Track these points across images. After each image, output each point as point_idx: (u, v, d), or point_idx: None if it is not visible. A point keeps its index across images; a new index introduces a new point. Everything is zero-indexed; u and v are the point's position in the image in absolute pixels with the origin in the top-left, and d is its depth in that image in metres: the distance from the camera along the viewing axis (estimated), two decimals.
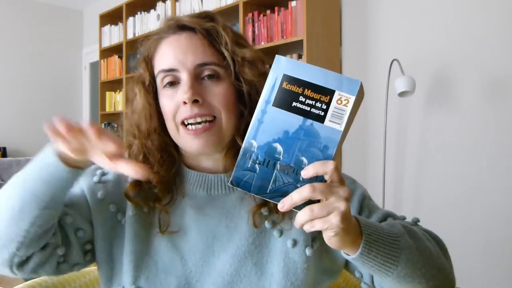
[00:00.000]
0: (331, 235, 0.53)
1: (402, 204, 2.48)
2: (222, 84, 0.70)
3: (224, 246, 0.71)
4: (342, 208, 0.51)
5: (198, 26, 0.71)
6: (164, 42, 0.72)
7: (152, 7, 3.90)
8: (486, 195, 2.14)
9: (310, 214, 0.51)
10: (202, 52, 0.69)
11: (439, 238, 0.71)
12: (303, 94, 0.54)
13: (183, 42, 0.70)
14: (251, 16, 2.87)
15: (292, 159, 0.54)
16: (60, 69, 5.28)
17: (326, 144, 0.54)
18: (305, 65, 0.55)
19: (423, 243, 0.64)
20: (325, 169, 0.52)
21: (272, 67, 0.56)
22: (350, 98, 0.53)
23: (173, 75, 0.69)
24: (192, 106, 0.67)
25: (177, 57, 0.69)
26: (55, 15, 5.24)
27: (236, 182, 0.55)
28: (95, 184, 0.74)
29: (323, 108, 0.54)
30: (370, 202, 0.78)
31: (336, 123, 0.54)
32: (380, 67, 2.53)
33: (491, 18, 2.12)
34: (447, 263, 0.68)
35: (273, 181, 0.54)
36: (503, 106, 2.10)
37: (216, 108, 0.69)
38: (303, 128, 0.54)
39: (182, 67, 0.68)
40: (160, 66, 0.71)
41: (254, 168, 0.55)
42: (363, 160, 2.63)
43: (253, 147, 0.55)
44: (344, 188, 0.53)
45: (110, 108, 4.51)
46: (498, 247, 2.10)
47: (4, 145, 4.73)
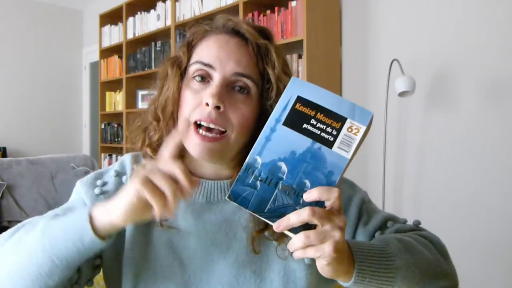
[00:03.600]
0: (324, 264, 0.53)
1: (402, 204, 2.48)
2: (248, 102, 0.67)
3: (224, 253, 0.70)
4: (336, 238, 0.51)
5: (253, 39, 0.68)
6: (213, 37, 0.70)
7: (152, 7, 3.89)
8: (486, 195, 2.14)
9: (305, 240, 0.51)
10: (246, 63, 0.67)
11: (439, 241, 0.71)
12: (315, 117, 0.54)
13: (231, 46, 0.68)
14: (251, 16, 2.87)
15: (295, 180, 0.53)
16: (60, 69, 5.29)
17: (332, 170, 0.53)
18: (321, 89, 0.55)
19: (421, 255, 0.64)
20: (329, 195, 0.52)
21: (287, 87, 0.55)
22: (361, 127, 0.54)
23: (207, 71, 0.67)
24: (211, 111, 0.64)
25: (219, 56, 0.67)
26: (55, 15, 5.25)
27: (234, 196, 0.54)
28: (97, 196, 0.73)
29: (333, 134, 0.54)
30: (369, 205, 0.77)
31: (344, 150, 0.54)
32: (380, 67, 2.53)
33: (491, 18, 2.12)
34: (448, 267, 0.68)
35: (272, 201, 0.54)
36: (503, 106, 2.10)
37: (231, 123, 0.66)
38: (311, 151, 0.54)
39: (220, 67, 0.66)
40: (200, 57, 0.68)
41: (255, 185, 0.54)
42: (363, 160, 2.63)
43: (257, 163, 0.54)
44: (341, 217, 0.53)
45: (110, 108, 4.51)
46: (498, 247, 2.10)
47: (4, 145, 4.73)
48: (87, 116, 5.44)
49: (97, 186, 0.74)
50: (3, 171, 2.72)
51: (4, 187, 2.68)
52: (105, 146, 4.56)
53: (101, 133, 4.59)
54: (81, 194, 0.74)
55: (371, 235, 0.74)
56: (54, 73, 5.23)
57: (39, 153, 4.09)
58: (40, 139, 5.05)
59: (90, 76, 5.43)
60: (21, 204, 2.72)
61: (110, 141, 4.49)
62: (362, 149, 2.84)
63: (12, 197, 2.71)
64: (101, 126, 4.59)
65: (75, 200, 0.75)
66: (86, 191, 0.73)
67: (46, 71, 5.15)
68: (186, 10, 3.44)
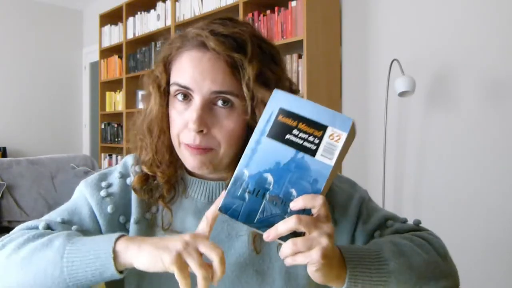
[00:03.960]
0: (313, 270, 0.54)
1: (402, 204, 2.48)
2: (233, 115, 0.66)
3: (226, 253, 0.69)
4: (323, 244, 0.52)
5: (223, 53, 0.64)
6: (186, 55, 0.67)
7: (152, 7, 3.90)
8: (486, 195, 2.14)
9: (293, 247, 0.52)
10: (222, 79, 0.64)
11: (438, 241, 0.71)
12: (297, 127, 0.55)
13: (204, 63, 0.65)
14: (251, 16, 2.87)
15: (281, 190, 0.55)
16: (60, 69, 5.29)
17: (316, 178, 0.55)
18: (302, 100, 0.56)
19: (416, 257, 0.64)
20: (314, 203, 0.53)
21: (270, 99, 0.57)
22: (342, 134, 0.54)
23: (186, 92, 0.67)
24: (195, 135, 0.65)
25: (194, 78, 0.65)
26: (55, 15, 5.25)
27: (224, 209, 0.56)
28: (103, 199, 0.73)
29: (316, 143, 0.55)
30: (369, 204, 0.77)
31: (327, 158, 0.55)
32: (380, 67, 2.53)
33: (491, 18, 2.12)
34: (448, 267, 0.68)
35: (261, 211, 0.55)
36: (503, 106, 2.10)
37: (218, 140, 0.66)
38: (295, 161, 0.55)
39: (197, 89, 0.65)
40: (176, 79, 0.68)
41: (244, 197, 0.56)
42: (363, 160, 2.63)
43: (244, 175, 0.56)
44: (328, 224, 0.54)
45: (110, 108, 4.51)
46: (498, 247, 2.10)
47: (4, 145, 4.73)
48: (87, 116, 5.44)
49: (102, 188, 0.74)
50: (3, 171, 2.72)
51: (4, 187, 2.68)
52: (105, 146, 4.56)
53: (101, 133, 4.59)
54: (85, 195, 0.74)
55: (370, 234, 0.74)
56: (54, 73, 5.23)
57: (39, 153, 4.09)
58: (40, 139, 5.05)
59: (90, 76, 5.43)
60: (21, 204, 2.72)
61: (110, 141, 4.49)
62: (362, 149, 2.83)
63: (12, 197, 2.71)
64: (101, 126, 4.59)
65: (79, 202, 0.74)
66: (92, 193, 0.73)
67: (46, 71, 5.15)
68: (186, 10, 3.44)
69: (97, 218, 0.72)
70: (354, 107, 2.69)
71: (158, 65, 0.72)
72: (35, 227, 0.70)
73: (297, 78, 2.66)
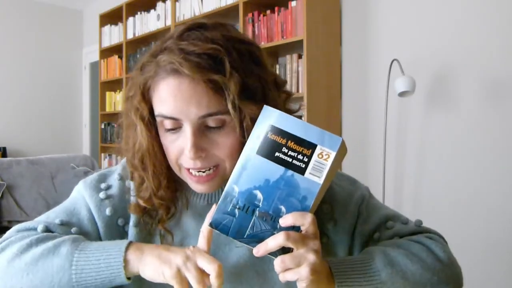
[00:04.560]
0: (303, 286, 0.55)
1: (402, 204, 2.48)
2: (227, 132, 0.64)
3: (226, 255, 0.70)
4: (311, 260, 0.54)
5: (201, 77, 0.60)
6: (163, 84, 0.63)
7: (152, 7, 3.89)
8: (486, 195, 2.14)
9: (282, 265, 0.54)
10: (207, 103, 0.61)
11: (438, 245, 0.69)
12: (287, 145, 0.56)
13: (185, 91, 0.61)
14: (251, 16, 2.87)
15: (271, 207, 0.56)
16: (60, 69, 5.29)
17: (305, 195, 0.56)
18: (291, 118, 0.57)
19: (410, 267, 0.64)
20: (303, 221, 0.55)
21: (260, 116, 0.58)
22: (331, 153, 0.55)
23: (174, 122, 0.64)
24: (195, 161, 0.64)
25: (178, 106, 0.61)
26: (55, 15, 5.24)
27: (215, 224, 0.57)
28: (102, 201, 0.72)
29: (305, 161, 0.56)
30: (370, 202, 0.76)
31: (316, 176, 0.56)
32: (380, 67, 2.53)
33: (492, 18, 2.12)
34: (448, 272, 0.66)
35: (251, 227, 0.56)
36: (503, 106, 2.10)
37: (220, 158, 0.65)
38: (284, 178, 0.56)
39: (184, 117, 0.62)
40: (160, 110, 0.64)
41: (234, 212, 0.57)
42: (363, 160, 2.63)
43: (234, 191, 0.57)
44: (315, 241, 0.55)
45: (110, 108, 4.51)
46: (498, 247, 2.10)
47: (4, 145, 4.73)
48: (87, 116, 5.44)
49: (101, 190, 0.73)
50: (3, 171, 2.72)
51: (4, 187, 2.68)
52: (105, 146, 4.56)
53: (101, 133, 4.59)
54: (84, 196, 0.73)
55: (369, 235, 0.74)
56: (54, 73, 5.22)
57: (39, 153, 4.09)
58: (40, 139, 5.05)
59: (90, 76, 5.43)
60: (21, 204, 2.72)
61: (110, 141, 4.49)
62: (362, 149, 2.83)
63: (12, 197, 2.71)
64: (101, 126, 4.59)
65: (77, 202, 0.74)
66: (91, 195, 0.73)
67: (46, 71, 5.15)
68: (186, 10, 3.44)
69: (95, 220, 0.72)
70: (354, 107, 2.69)
71: (135, 94, 0.67)
72: (33, 229, 0.69)
73: (297, 78, 2.66)
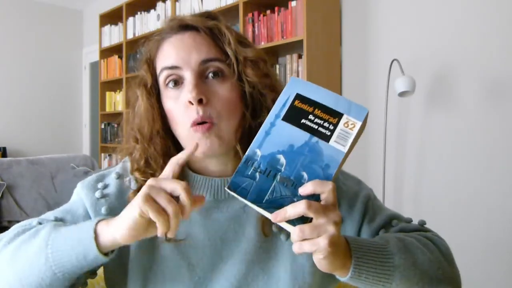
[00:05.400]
0: (320, 258, 0.54)
1: (402, 204, 2.48)
2: (226, 84, 0.68)
3: (232, 251, 0.70)
4: (331, 232, 0.52)
5: (201, 25, 0.69)
6: (167, 42, 0.70)
7: (152, 7, 3.90)
8: (486, 195, 2.14)
9: (300, 235, 0.52)
10: (206, 49, 0.68)
11: (443, 244, 0.70)
12: (313, 113, 0.57)
13: (186, 41, 0.68)
14: (251, 16, 2.87)
15: (293, 172, 0.55)
16: (60, 69, 5.29)
17: (328, 163, 0.55)
18: (319, 87, 0.57)
19: (421, 256, 0.64)
20: (323, 188, 0.53)
21: (287, 86, 0.58)
22: (356, 123, 0.56)
23: (176, 73, 0.68)
24: (197, 108, 0.65)
25: (180, 55, 0.67)
26: (55, 15, 5.25)
27: (234, 187, 0.55)
28: (97, 200, 0.72)
29: (330, 129, 0.56)
30: (375, 203, 0.77)
31: (341, 144, 0.55)
32: (380, 67, 2.53)
33: (492, 18, 2.12)
34: (451, 270, 0.67)
35: (270, 192, 0.55)
36: (503, 106, 2.10)
37: (218, 110, 0.66)
38: (309, 144, 0.56)
39: (185, 65, 0.67)
40: (163, 64, 0.69)
41: (254, 176, 0.55)
42: (363, 160, 2.63)
43: (256, 155, 0.56)
44: (336, 212, 0.53)
45: (110, 108, 4.51)
46: (498, 247, 2.10)
47: (4, 145, 4.73)
48: (87, 116, 5.44)
49: (98, 189, 0.73)
50: (3, 171, 2.72)
51: (4, 187, 2.68)
52: (105, 146, 4.56)
53: (101, 133, 4.59)
54: (81, 196, 0.74)
55: (375, 232, 0.74)
56: (54, 73, 5.22)
57: (39, 153, 4.09)
58: (40, 139, 5.05)
59: (90, 76, 5.43)
60: (21, 204, 2.72)
61: (110, 141, 4.49)
62: (362, 149, 2.83)
63: (12, 197, 2.71)
64: (101, 126, 4.59)
65: (75, 202, 0.74)
66: (87, 194, 0.73)
67: (46, 71, 5.15)
68: (186, 10, 3.45)
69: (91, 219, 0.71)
70: None
71: (141, 66, 0.73)
72: (28, 225, 0.70)
73: None
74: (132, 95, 0.74)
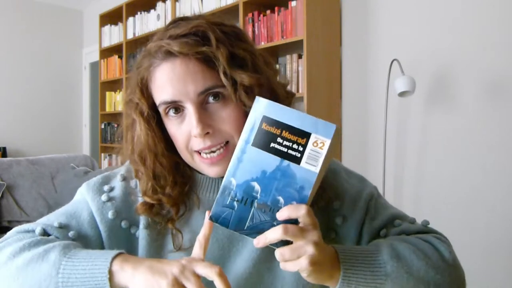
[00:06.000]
0: (305, 276, 0.56)
1: (402, 204, 2.48)
2: (229, 106, 0.66)
3: (240, 251, 0.71)
4: (310, 252, 0.54)
5: (191, 53, 0.64)
6: (158, 71, 0.66)
7: (152, 7, 3.90)
8: (486, 195, 2.14)
9: (282, 258, 0.54)
10: (202, 78, 0.64)
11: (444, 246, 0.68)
12: (281, 135, 0.56)
13: (178, 71, 0.64)
14: (251, 16, 2.87)
15: (269, 198, 0.56)
16: (60, 69, 5.28)
17: (302, 185, 0.55)
18: (284, 107, 0.57)
19: (416, 262, 0.63)
20: (298, 213, 0.55)
21: (252, 107, 0.58)
22: (325, 141, 0.55)
23: (176, 105, 0.66)
24: (204, 139, 0.65)
25: (176, 88, 0.64)
26: (55, 15, 5.24)
27: (215, 218, 0.57)
28: (104, 204, 0.72)
29: (300, 150, 0.56)
30: (378, 201, 0.77)
31: (312, 165, 0.55)
32: (380, 67, 2.53)
33: (492, 18, 2.12)
34: (452, 274, 0.66)
35: (250, 219, 0.56)
36: (503, 106, 2.10)
37: (228, 133, 0.66)
38: (280, 169, 0.56)
39: (184, 98, 0.64)
40: (161, 98, 0.66)
41: (233, 205, 0.57)
42: (363, 160, 2.63)
43: (232, 184, 0.57)
44: (314, 232, 0.55)
45: (110, 108, 4.51)
46: (498, 247, 2.10)
47: (4, 145, 4.73)
48: (87, 116, 5.44)
49: (104, 192, 0.73)
50: (3, 171, 2.72)
51: (4, 187, 2.68)
52: (105, 146, 4.56)
53: (101, 133, 4.59)
54: (86, 198, 0.73)
55: (376, 232, 0.74)
56: (54, 73, 5.22)
57: (39, 153, 4.09)
58: (40, 139, 5.05)
59: (90, 76, 5.42)
60: (21, 204, 2.72)
61: (110, 141, 4.49)
62: (362, 149, 2.82)
63: (12, 197, 2.71)
64: (101, 126, 4.59)
65: (79, 204, 0.73)
66: (93, 197, 0.72)
67: (46, 71, 5.15)
68: (186, 10, 3.44)
69: (97, 223, 0.71)
70: (354, 107, 2.69)
71: (133, 91, 0.70)
72: (32, 231, 0.69)
73: (297, 78, 2.66)
74: (127, 117, 0.72)
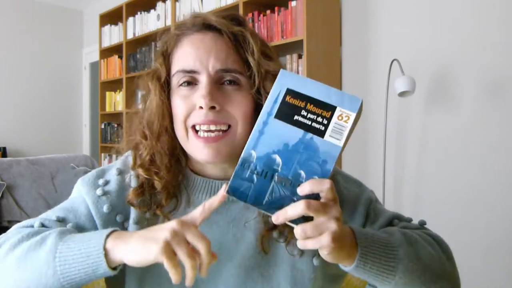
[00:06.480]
0: (325, 253, 0.54)
1: (402, 204, 2.48)
2: (242, 93, 0.66)
3: (231, 256, 0.69)
4: (332, 229, 0.52)
5: (226, 29, 0.66)
6: (187, 40, 0.68)
7: (152, 7, 3.90)
8: (486, 195, 2.14)
9: (302, 235, 0.52)
10: (226, 57, 0.65)
11: (443, 242, 0.70)
12: (305, 108, 0.55)
13: (207, 43, 0.66)
14: (251, 16, 2.87)
15: (290, 171, 0.54)
16: (60, 69, 5.28)
17: (325, 158, 0.54)
18: (309, 80, 0.56)
19: (424, 250, 0.64)
20: (321, 187, 0.53)
21: (276, 80, 0.56)
22: (350, 114, 0.54)
23: (191, 76, 0.66)
24: (207, 112, 0.64)
25: (199, 58, 0.65)
26: (55, 15, 5.24)
27: (232, 191, 0.55)
28: (99, 198, 0.71)
29: (324, 123, 0.54)
30: (376, 206, 0.77)
31: (336, 138, 0.54)
32: (380, 67, 2.53)
33: (492, 18, 2.12)
34: (451, 267, 0.67)
35: (269, 193, 0.54)
36: (503, 106, 2.10)
37: (233, 117, 0.65)
38: (303, 142, 0.54)
39: (203, 69, 0.65)
40: (180, 65, 0.67)
41: (252, 178, 0.55)
42: (363, 160, 2.63)
43: (252, 157, 0.55)
44: (336, 207, 0.53)
45: (110, 108, 4.51)
46: (498, 247, 2.10)
47: (4, 145, 4.73)
48: (87, 116, 5.44)
49: (99, 186, 0.72)
50: (3, 171, 2.72)
51: (4, 187, 2.68)
52: (105, 146, 4.56)
53: (101, 133, 4.59)
54: (82, 193, 0.73)
55: None
56: (54, 73, 5.22)
57: (39, 153, 4.08)
58: (40, 139, 5.05)
59: (90, 76, 5.42)
60: (21, 204, 2.72)
61: (110, 141, 4.49)
62: (362, 149, 2.82)
63: (12, 197, 2.71)
64: (101, 126, 4.59)
65: (76, 199, 0.73)
66: (88, 192, 0.72)
67: (46, 71, 5.15)
68: (186, 10, 3.44)
69: (93, 217, 0.71)
70: None
71: (157, 58, 0.70)
72: (31, 226, 0.69)
73: None
74: (144, 86, 0.72)
